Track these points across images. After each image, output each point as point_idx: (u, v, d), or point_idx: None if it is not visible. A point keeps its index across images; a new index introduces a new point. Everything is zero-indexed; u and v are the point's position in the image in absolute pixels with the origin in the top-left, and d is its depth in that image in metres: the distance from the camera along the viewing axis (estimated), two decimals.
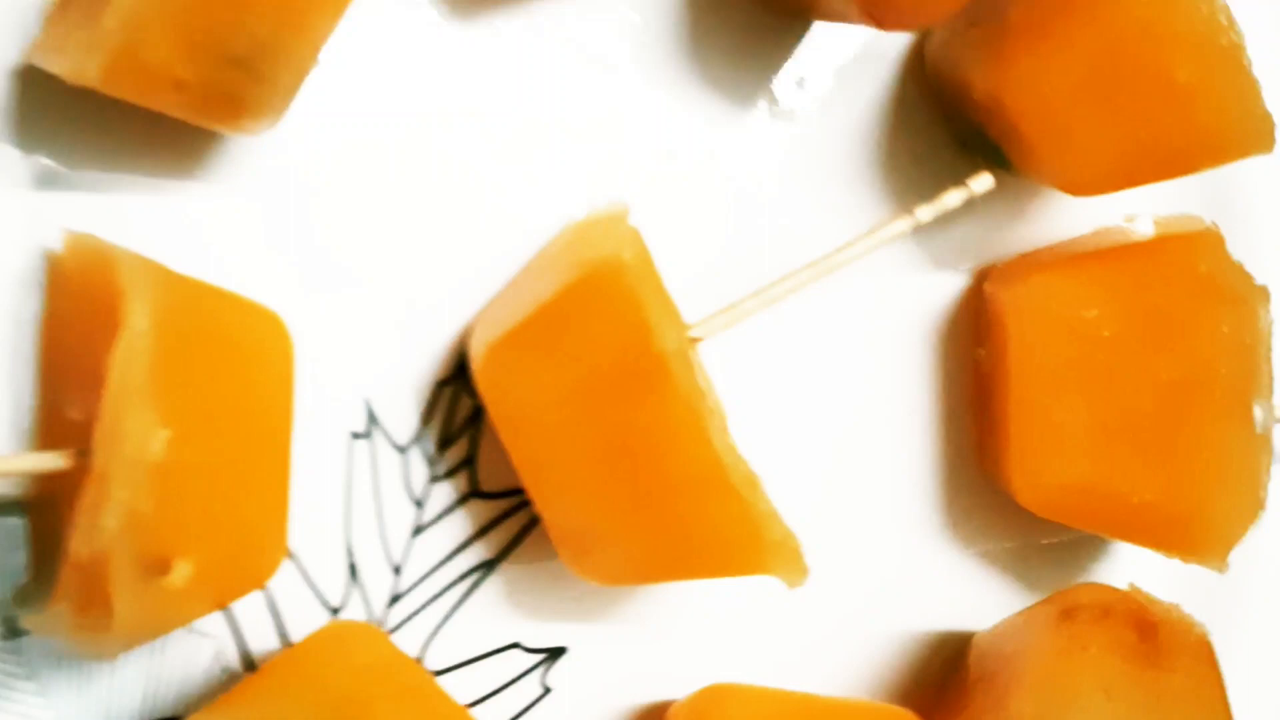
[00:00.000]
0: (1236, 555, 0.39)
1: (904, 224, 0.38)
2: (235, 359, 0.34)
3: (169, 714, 0.36)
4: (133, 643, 0.33)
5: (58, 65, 0.32)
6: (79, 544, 0.30)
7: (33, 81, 0.34)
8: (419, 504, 0.39)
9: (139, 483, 0.29)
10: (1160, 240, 0.40)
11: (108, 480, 0.29)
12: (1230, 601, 0.46)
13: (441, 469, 0.39)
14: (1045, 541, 0.45)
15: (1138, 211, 0.43)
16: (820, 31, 0.42)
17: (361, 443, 0.38)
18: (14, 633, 0.35)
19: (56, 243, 0.34)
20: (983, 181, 0.39)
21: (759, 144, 0.42)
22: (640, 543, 0.36)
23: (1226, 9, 0.36)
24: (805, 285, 0.37)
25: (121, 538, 0.29)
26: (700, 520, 0.34)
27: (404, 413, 0.39)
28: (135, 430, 0.29)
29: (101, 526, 0.29)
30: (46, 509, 0.34)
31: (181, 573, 0.31)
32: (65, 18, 0.33)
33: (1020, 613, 0.42)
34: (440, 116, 0.39)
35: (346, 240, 0.38)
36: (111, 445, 0.29)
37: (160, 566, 0.31)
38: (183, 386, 0.31)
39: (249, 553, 0.34)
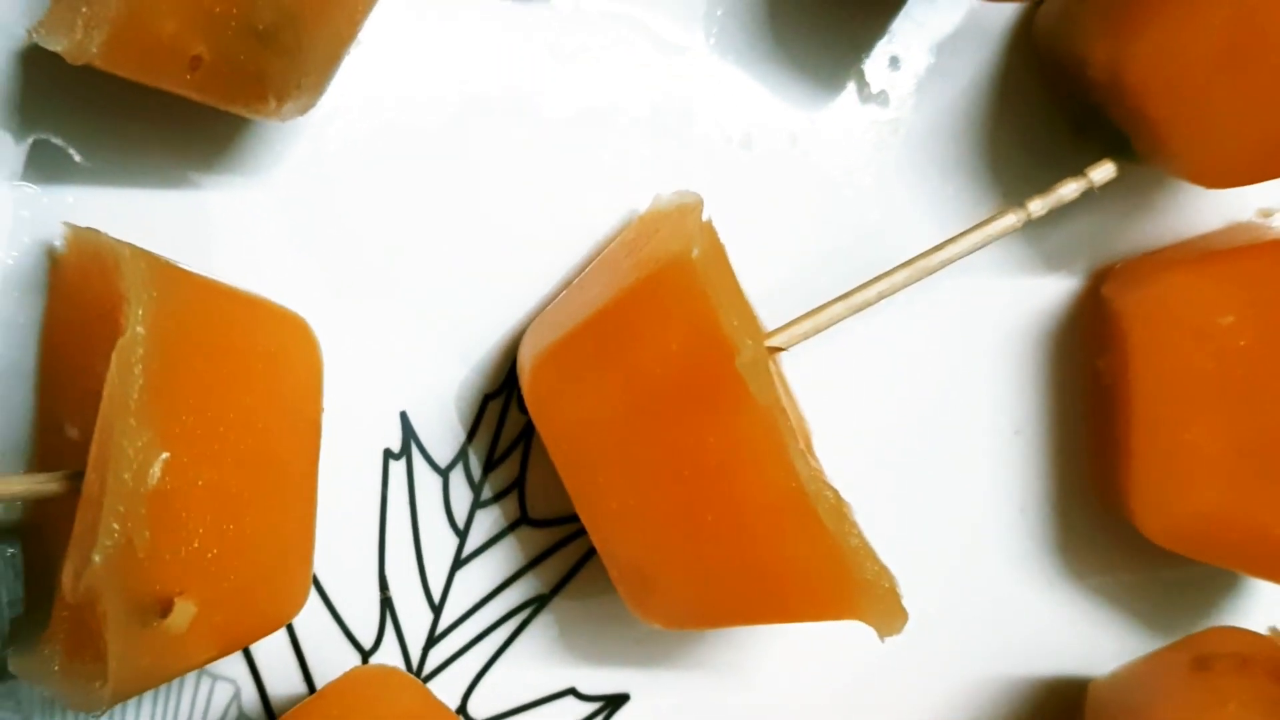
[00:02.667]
0: None
1: (1013, 219, 0.37)
2: (254, 369, 0.33)
3: None
4: (129, 692, 0.31)
5: (60, 43, 0.30)
6: (69, 580, 0.29)
7: (38, 64, 0.35)
8: (461, 532, 0.38)
9: (134, 512, 0.28)
10: None
11: (99, 509, 0.28)
12: None
13: (487, 493, 0.38)
14: (1168, 576, 0.43)
15: (1273, 205, 0.42)
16: (916, 2, 0.41)
17: (397, 463, 0.38)
18: (6, 674, 0.34)
19: (59, 240, 0.34)
20: (1104, 171, 0.38)
21: (846, 130, 0.41)
22: (710, 581, 0.34)
23: None
24: (899, 288, 0.36)
25: (114, 574, 0.28)
26: (779, 556, 0.33)
27: (445, 429, 0.38)
28: (130, 452, 0.28)
29: (91, 561, 0.28)
30: (45, 537, 0.34)
31: (184, 614, 0.30)
32: None
33: (1144, 659, 0.40)
34: (490, 103, 0.38)
35: (383, 238, 0.37)
36: (104, 469, 0.28)
37: (159, 607, 0.29)
38: (190, 401, 0.30)
39: (267, 589, 0.33)
